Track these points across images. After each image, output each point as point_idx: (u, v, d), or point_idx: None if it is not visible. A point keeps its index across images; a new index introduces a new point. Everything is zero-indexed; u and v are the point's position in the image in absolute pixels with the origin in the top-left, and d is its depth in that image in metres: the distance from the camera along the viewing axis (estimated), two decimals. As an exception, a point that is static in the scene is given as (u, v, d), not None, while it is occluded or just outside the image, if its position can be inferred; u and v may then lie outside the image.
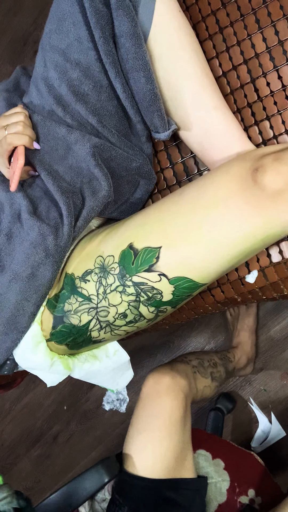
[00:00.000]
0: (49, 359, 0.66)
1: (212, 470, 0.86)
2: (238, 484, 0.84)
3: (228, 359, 1.09)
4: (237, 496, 0.83)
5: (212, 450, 0.89)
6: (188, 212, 0.56)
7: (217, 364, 0.99)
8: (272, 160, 0.54)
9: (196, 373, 0.91)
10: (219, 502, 0.82)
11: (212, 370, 0.96)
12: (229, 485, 0.84)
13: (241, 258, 0.58)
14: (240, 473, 0.86)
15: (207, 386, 0.92)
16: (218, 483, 0.84)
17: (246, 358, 1.17)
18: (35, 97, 0.68)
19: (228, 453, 0.89)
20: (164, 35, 0.63)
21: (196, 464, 0.85)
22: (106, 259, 0.60)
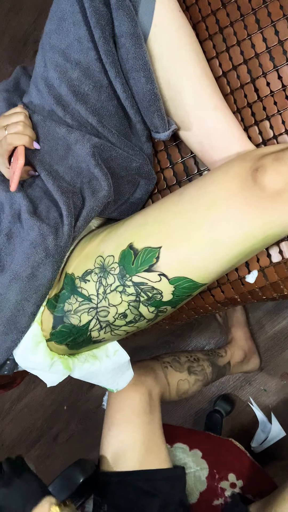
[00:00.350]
0: (49, 359, 0.66)
1: (190, 461, 0.88)
2: (217, 470, 0.86)
3: (218, 354, 1.09)
4: (217, 482, 0.85)
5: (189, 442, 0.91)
6: (188, 212, 0.56)
7: (199, 359, 1.00)
8: (272, 160, 0.54)
9: (167, 367, 0.93)
10: (200, 490, 0.84)
11: (190, 364, 0.97)
12: (208, 472, 0.86)
13: (241, 258, 0.58)
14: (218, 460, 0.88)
15: (183, 380, 0.93)
16: (197, 472, 0.86)
17: (242, 352, 1.16)
18: (35, 97, 0.68)
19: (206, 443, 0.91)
20: (164, 35, 0.63)
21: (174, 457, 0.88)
22: (106, 259, 0.60)
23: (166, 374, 0.91)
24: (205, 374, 0.99)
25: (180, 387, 0.92)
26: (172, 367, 0.94)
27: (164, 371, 0.91)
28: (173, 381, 0.92)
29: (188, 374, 0.95)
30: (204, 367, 0.99)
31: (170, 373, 0.92)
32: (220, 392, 1.29)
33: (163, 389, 0.88)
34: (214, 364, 1.04)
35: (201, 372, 0.98)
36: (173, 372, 0.93)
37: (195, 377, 0.96)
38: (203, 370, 0.99)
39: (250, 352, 1.19)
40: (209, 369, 1.01)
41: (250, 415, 1.24)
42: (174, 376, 0.92)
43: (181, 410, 1.34)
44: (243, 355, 1.16)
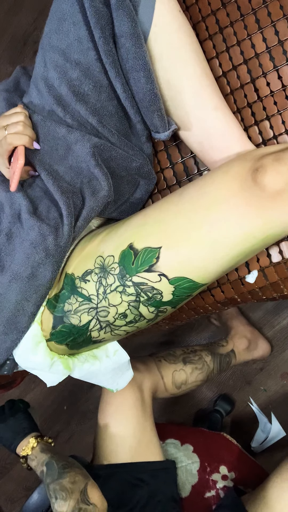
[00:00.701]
0: (49, 359, 0.66)
1: (182, 455, 0.89)
2: (209, 463, 0.88)
3: (218, 344, 1.09)
4: (208, 474, 0.86)
5: (181, 438, 0.92)
6: (188, 212, 0.56)
7: (196, 350, 1.00)
8: (272, 161, 0.54)
9: (160, 361, 0.94)
10: (192, 483, 0.86)
11: (185, 356, 0.97)
12: (199, 465, 0.87)
13: (241, 258, 0.58)
14: (209, 453, 0.90)
15: (178, 371, 0.94)
16: (188, 466, 0.88)
17: (245, 339, 1.15)
18: (35, 97, 0.68)
19: (197, 438, 0.93)
20: (164, 35, 0.63)
21: (166, 452, 0.89)
22: (106, 259, 0.60)
23: (159, 367, 0.92)
24: (204, 363, 0.98)
25: (176, 378, 0.93)
26: (166, 360, 0.94)
27: (157, 365, 0.92)
28: (167, 373, 0.92)
29: (184, 364, 0.95)
30: (202, 356, 0.99)
31: (163, 365, 0.93)
32: (220, 392, 1.29)
33: (156, 382, 0.89)
34: (214, 353, 1.04)
35: (198, 361, 0.98)
36: (166, 365, 0.94)
37: (191, 365, 0.96)
38: (201, 359, 0.99)
39: (253, 337, 1.17)
40: (208, 358, 1.00)
41: (250, 415, 1.24)
42: (168, 368, 0.93)
43: (181, 410, 1.34)
44: (247, 341, 1.15)
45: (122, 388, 0.79)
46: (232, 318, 1.20)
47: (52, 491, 0.69)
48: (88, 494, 0.68)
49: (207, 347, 1.05)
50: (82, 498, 0.68)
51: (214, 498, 0.82)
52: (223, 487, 0.83)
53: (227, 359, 1.07)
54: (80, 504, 0.67)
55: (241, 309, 1.27)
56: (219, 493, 0.83)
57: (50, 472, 0.73)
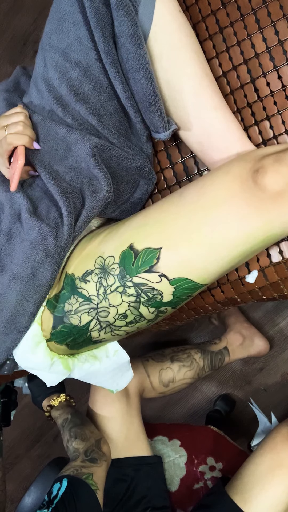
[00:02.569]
0: (49, 359, 0.66)
1: (169, 450, 0.91)
2: (196, 456, 0.89)
3: (210, 342, 1.09)
4: (196, 467, 0.88)
5: (168, 434, 0.94)
6: (188, 213, 0.56)
7: (186, 349, 1.00)
8: (272, 161, 0.54)
9: (147, 360, 0.95)
10: (180, 477, 0.87)
11: (173, 354, 0.98)
12: (186, 459, 0.89)
13: (241, 259, 0.58)
14: (196, 446, 0.91)
15: (165, 369, 0.95)
16: (176, 460, 0.89)
17: (239, 335, 1.14)
18: (35, 97, 0.68)
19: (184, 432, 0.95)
20: (164, 35, 0.63)
21: (154, 449, 0.91)
22: (107, 259, 0.60)
23: (145, 366, 0.93)
24: (192, 360, 0.99)
25: (163, 377, 0.94)
26: (154, 359, 0.95)
27: (143, 364, 0.93)
28: (154, 372, 0.93)
29: (171, 362, 0.96)
30: (191, 354, 1.00)
31: (150, 364, 0.94)
32: (220, 392, 1.29)
33: (141, 381, 0.90)
34: (204, 350, 1.04)
35: (187, 358, 0.98)
36: (153, 363, 0.95)
37: (179, 363, 0.96)
38: (190, 357, 0.99)
39: (249, 334, 1.17)
40: (198, 355, 1.01)
41: (250, 415, 1.24)
42: (155, 367, 0.94)
43: (181, 410, 1.34)
44: (241, 337, 1.14)
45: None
46: (230, 316, 1.20)
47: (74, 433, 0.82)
48: (101, 445, 0.80)
49: (198, 345, 1.05)
50: (96, 445, 0.80)
51: (203, 489, 0.84)
52: (211, 477, 0.85)
53: (219, 356, 1.07)
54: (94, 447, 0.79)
55: (241, 308, 1.27)
56: (207, 484, 0.85)
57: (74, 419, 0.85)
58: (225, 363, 1.11)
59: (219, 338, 1.13)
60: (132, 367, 0.88)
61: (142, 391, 0.91)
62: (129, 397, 0.87)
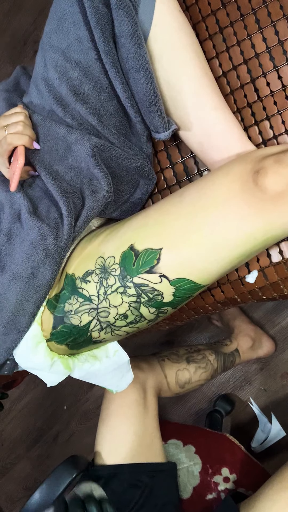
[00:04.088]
0: (49, 359, 0.66)
1: (183, 456, 0.88)
2: (210, 465, 0.86)
3: (221, 343, 1.08)
4: (210, 476, 0.85)
5: (183, 438, 0.91)
6: (188, 213, 0.56)
7: (200, 349, 0.99)
8: (273, 162, 0.54)
9: (164, 360, 0.92)
10: (193, 485, 0.84)
11: (189, 355, 0.96)
12: (201, 467, 0.86)
13: (241, 259, 0.58)
14: (211, 455, 0.88)
15: (181, 370, 0.92)
16: (190, 467, 0.86)
17: (249, 338, 1.14)
18: (35, 97, 0.68)
19: (199, 438, 0.92)
20: (164, 35, 0.63)
21: (167, 453, 0.88)
22: (107, 260, 0.60)
23: (162, 367, 0.91)
24: (207, 362, 0.97)
25: (179, 377, 0.92)
26: (170, 359, 0.93)
27: (160, 364, 0.91)
28: (171, 373, 0.91)
29: (187, 363, 0.94)
30: (205, 355, 0.98)
31: (167, 365, 0.92)
32: (220, 392, 1.29)
33: (159, 381, 0.88)
34: (218, 352, 1.03)
35: (202, 360, 0.97)
36: (170, 364, 0.92)
37: (195, 364, 0.95)
38: (205, 358, 0.97)
39: (257, 336, 1.17)
40: (212, 356, 0.99)
41: (250, 415, 1.24)
42: (172, 367, 0.92)
43: (181, 410, 1.34)
44: (251, 340, 1.14)
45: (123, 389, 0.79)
46: (235, 318, 1.20)
47: None
48: None
49: (211, 346, 1.04)
50: None
51: (215, 501, 0.82)
52: (224, 489, 0.83)
53: (231, 358, 1.07)
54: None
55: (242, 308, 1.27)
56: (221, 495, 0.82)
57: None
58: (235, 364, 1.11)
59: (229, 339, 1.12)
60: (148, 367, 0.88)
61: (159, 391, 0.89)
62: (147, 399, 0.85)
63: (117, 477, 0.77)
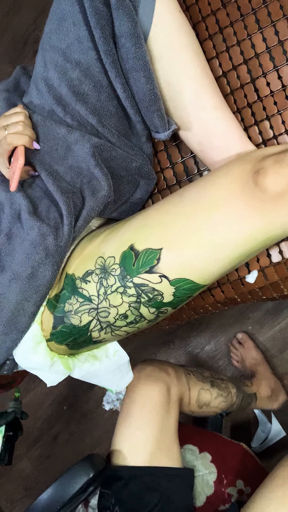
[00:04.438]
0: (49, 359, 0.66)
1: (199, 463, 0.86)
2: (226, 475, 0.85)
3: (243, 383, 1.07)
4: (224, 487, 0.84)
5: (199, 444, 0.89)
6: (188, 213, 0.56)
7: (223, 379, 0.97)
8: (273, 162, 0.54)
9: (190, 374, 0.90)
10: (207, 494, 0.83)
11: (213, 379, 0.94)
12: (216, 477, 0.85)
13: (242, 259, 0.58)
14: (227, 465, 0.87)
15: (205, 390, 0.90)
16: (205, 476, 0.85)
17: (269, 388, 1.14)
18: (35, 97, 0.68)
19: (216, 446, 0.90)
20: (164, 35, 0.63)
21: (183, 458, 0.86)
22: (107, 260, 0.60)
23: (188, 379, 0.88)
24: (229, 393, 0.95)
25: (201, 397, 0.89)
26: (195, 375, 0.91)
27: (186, 376, 0.88)
28: (195, 389, 0.88)
29: (211, 386, 0.92)
30: (228, 386, 0.96)
31: (192, 380, 0.89)
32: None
33: (183, 391, 0.85)
34: (239, 388, 1.01)
35: (225, 389, 0.94)
36: (195, 380, 0.90)
37: (217, 390, 0.92)
38: (227, 388, 0.95)
39: (276, 388, 1.17)
40: (234, 390, 0.98)
41: (250, 415, 1.24)
42: (196, 384, 0.89)
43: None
44: (270, 391, 1.14)
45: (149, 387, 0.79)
46: (259, 364, 1.20)
47: None
48: None
49: (233, 380, 1.02)
50: None
51: None
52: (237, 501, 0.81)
53: (248, 400, 1.05)
54: None
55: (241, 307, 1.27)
56: None
57: None
58: (251, 407, 1.09)
59: (250, 381, 1.12)
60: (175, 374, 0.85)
61: (181, 401, 0.86)
62: (171, 402, 0.82)
63: (137, 479, 0.76)
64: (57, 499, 0.73)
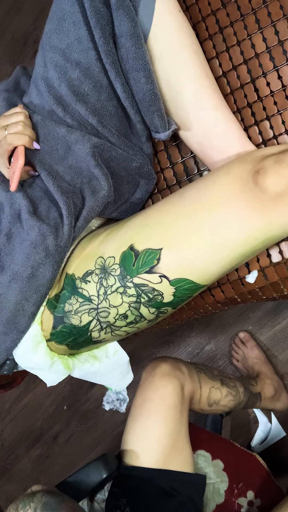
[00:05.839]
0: (49, 359, 0.66)
1: (211, 471, 0.85)
2: (237, 485, 0.84)
3: (249, 382, 1.06)
4: (235, 497, 0.83)
5: (212, 451, 0.88)
6: (189, 213, 0.56)
7: (231, 378, 0.96)
8: (273, 162, 0.54)
9: (201, 372, 0.89)
10: (217, 503, 0.82)
11: (222, 378, 0.93)
12: (227, 486, 0.83)
13: (242, 259, 0.58)
14: (239, 475, 0.86)
15: (215, 388, 0.89)
16: (217, 484, 0.84)
17: (273, 388, 1.13)
18: (35, 97, 0.68)
19: (229, 454, 0.88)
20: (164, 35, 0.63)
21: (196, 464, 0.84)
22: (107, 260, 0.60)
23: (199, 378, 0.87)
24: (237, 391, 0.95)
25: (211, 395, 0.88)
26: (205, 373, 0.90)
27: (198, 374, 0.87)
28: (206, 386, 0.87)
29: (221, 384, 0.91)
30: (236, 385, 0.96)
31: (203, 377, 0.88)
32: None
33: (195, 390, 0.84)
34: (246, 388, 1.01)
35: (233, 388, 0.94)
36: (206, 378, 0.89)
37: (227, 389, 0.92)
38: (236, 387, 0.95)
39: (280, 389, 1.16)
40: (242, 389, 0.97)
41: (250, 415, 1.24)
42: (207, 382, 0.88)
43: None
44: (274, 390, 1.13)
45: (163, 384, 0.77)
46: (262, 364, 1.20)
47: None
48: None
49: (240, 379, 1.02)
50: None
51: None
52: None
53: (254, 399, 1.04)
54: None
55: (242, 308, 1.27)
56: None
57: None
58: (255, 407, 1.09)
59: (255, 381, 1.11)
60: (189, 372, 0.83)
61: (192, 400, 0.85)
62: (184, 403, 0.80)
63: (151, 481, 0.74)
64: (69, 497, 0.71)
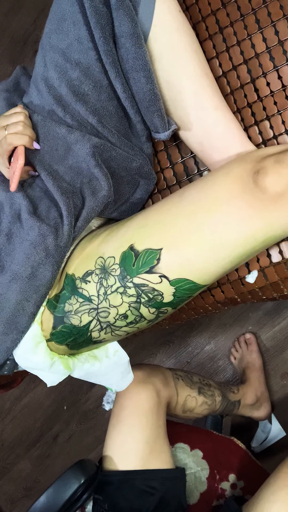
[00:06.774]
0: (49, 359, 0.66)
1: (191, 461, 0.86)
2: (218, 471, 0.85)
3: (230, 389, 1.07)
4: (217, 483, 0.84)
5: (190, 442, 0.90)
6: (189, 214, 0.56)
7: (211, 385, 0.98)
8: (273, 162, 0.54)
9: (178, 379, 0.91)
10: (200, 491, 0.83)
11: (201, 386, 0.95)
12: (208, 473, 0.85)
13: (242, 260, 0.58)
14: (219, 460, 0.87)
15: (192, 396, 0.91)
16: (198, 473, 0.85)
17: (255, 396, 1.14)
18: (35, 97, 0.68)
19: (207, 442, 0.90)
20: (164, 35, 0.63)
21: (175, 457, 0.86)
22: (107, 260, 0.60)
23: (176, 384, 0.89)
24: (213, 401, 0.96)
25: (187, 403, 0.90)
26: (184, 381, 0.91)
27: (174, 381, 0.89)
28: (182, 394, 0.89)
29: (198, 393, 0.93)
30: (214, 394, 0.97)
31: (180, 385, 0.90)
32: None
33: (171, 396, 0.86)
34: (224, 396, 1.02)
35: (210, 396, 0.95)
36: (183, 385, 0.91)
37: (203, 398, 0.93)
38: (213, 396, 0.96)
39: (262, 398, 1.16)
40: (219, 398, 0.98)
41: (250, 415, 1.24)
42: (184, 390, 0.90)
43: (181, 410, 1.34)
44: (255, 399, 1.14)
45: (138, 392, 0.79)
46: (253, 370, 1.20)
47: None
48: None
49: (220, 387, 1.03)
50: None
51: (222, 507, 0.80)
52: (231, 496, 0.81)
53: (231, 407, 1.05)
54: None
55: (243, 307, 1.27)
56: None
57: None
58: (232, 413, 1.10)
59: (237, 388, 1.11)
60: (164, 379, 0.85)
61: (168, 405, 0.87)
62: (160, 408, 0.82)
63: (129, 483, 0.76)
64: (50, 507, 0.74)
